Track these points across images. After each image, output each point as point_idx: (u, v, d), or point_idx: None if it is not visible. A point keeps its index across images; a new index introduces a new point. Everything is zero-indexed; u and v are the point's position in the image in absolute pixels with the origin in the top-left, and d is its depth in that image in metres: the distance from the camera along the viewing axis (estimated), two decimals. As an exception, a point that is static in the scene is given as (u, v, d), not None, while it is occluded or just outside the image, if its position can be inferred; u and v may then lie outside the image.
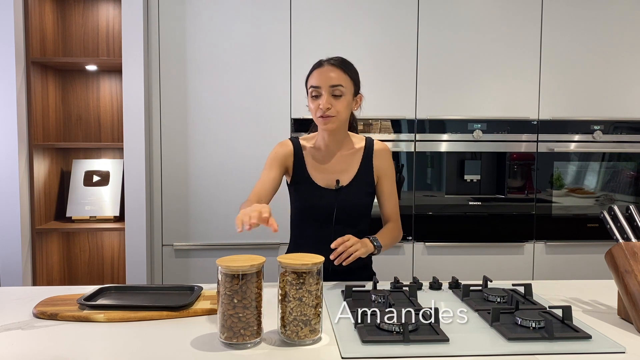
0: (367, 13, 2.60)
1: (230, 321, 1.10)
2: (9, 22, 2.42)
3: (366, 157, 1.73)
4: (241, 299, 1.10)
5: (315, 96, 1.63)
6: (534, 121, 2.67)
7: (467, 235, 2.70)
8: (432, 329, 1.18)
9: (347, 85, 1.63)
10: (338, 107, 1.61)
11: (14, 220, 2.49)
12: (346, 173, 1.71)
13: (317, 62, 1.67)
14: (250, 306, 1.11)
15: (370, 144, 1.75)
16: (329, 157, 1.72)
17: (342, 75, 1.63)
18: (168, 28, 2.56)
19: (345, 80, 1.63)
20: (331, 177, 1.70)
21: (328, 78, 1.61)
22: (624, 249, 1.31)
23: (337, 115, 1.62)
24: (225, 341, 1.11)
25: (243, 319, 1.10)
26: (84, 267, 2.90)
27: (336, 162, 1.72)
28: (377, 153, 1.74)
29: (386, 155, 1.75)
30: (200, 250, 2.62)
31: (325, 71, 1.62)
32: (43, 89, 2.66)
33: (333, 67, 1.63)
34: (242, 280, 1.10)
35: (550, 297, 1.48)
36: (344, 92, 1.62)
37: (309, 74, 1.68)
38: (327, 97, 1.60)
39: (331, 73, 1.62)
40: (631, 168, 2.75)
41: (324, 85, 1.61)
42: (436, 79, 2.64)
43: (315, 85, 1.62)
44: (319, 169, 1.71)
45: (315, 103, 1.63)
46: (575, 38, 2.67)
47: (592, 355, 1.09)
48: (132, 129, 2.52)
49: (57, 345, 1.12)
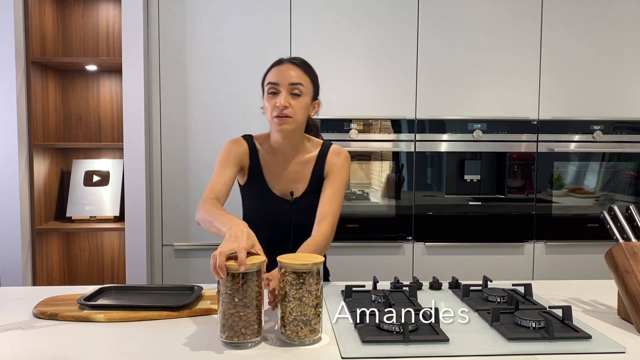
0: (367, 13, 2.60)
1: (231, 320, 1.10)
2: (9, 22, 2.42)
3: (318, 164, 1.62)
4: (242, 298, 1.10)
5: (272, 93, 1.53)
6: (534, 121, 2.67)
7: (467, 235, 2.70)
8: (432, 329, 1.18)
9: (307, 85, 1.55)
10: (296, 107, 1.52)
11: (14, 220, 2.49)
12: (300, 183, 1.62)
13: (277, 60, 1.59)
14: (251, 305, 1.10)
15: (325, 150, 1.64)
16: (284, 164, 1.62)
17: (303, 75, 1.55)
18: (168, 28, 2.56)
19: (306, 80, 1.55)
20: (285, 187, 1.62)
21: (288, 76, 1.52)
22: (624, 249, 1.31)
23: (294, 116, 1.52)
24: (226, 340, 1.11)
25: (244, 318, 1.10)
26: (84, 267, 2.90)
27: (291, 169, 1.62)
28: (330, 159, 1.62)
29: (338, 159, 1.62)
30: (200, 250, 2.62)
31: (285, 69, 1.54)
32: (43, 89, 2.66)
33: (294, 66, 1.55)
34: (243, 279, 1.10)
35: (550, 297, 1.48)
36: (304, 92, 1.54)
37: (267, 71, 1.58)
38: (286, 95, 1.51)
39: (292, 71, 1.54)
40: (631, 168, 2.75)
41: (283, 83, 1.52)
42: (436, 78, 2.64)
43: (274, 81, 1.52)
44: (274, 175, 1.62)
45: (272, 101, 1.52)
46: (576, 38, 2.67)
47: (592, 355, 1.09)
48: (132, 129, 2.52)
49: (57, 345, 1.12)
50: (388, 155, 2.66)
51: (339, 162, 1.63)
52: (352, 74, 2.61)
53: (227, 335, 1.11)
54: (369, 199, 2.69)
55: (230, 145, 1.64)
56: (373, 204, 2.69)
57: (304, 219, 1.59)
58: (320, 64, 2.58)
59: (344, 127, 2.61)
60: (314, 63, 1.71)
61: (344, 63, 2.61)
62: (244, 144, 1.64)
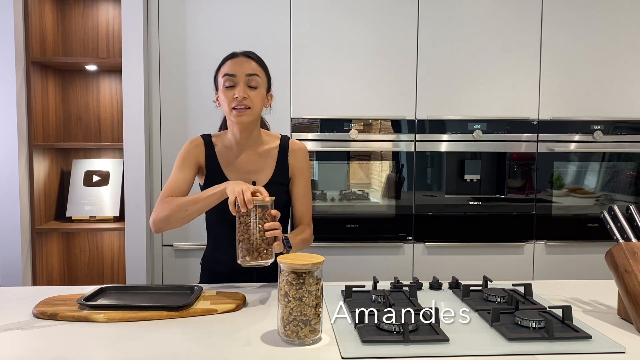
0: (367, 13, 2.60)
1: (256, 243, 1.26)
2: (9, 22, 2.42)
3: (281, 155, 1.66)
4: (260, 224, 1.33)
5: (229, 86, 1.55)
6: (534, 121, 2.67)
7: (467, 235, 2.70)
8: (432, 329, 1.18)
9: (262, 77, 1.59)
10: (254, 99, 1.55)
11: (14, 220, 2.49)
12: (262, 173, 1.63)
13: (230, 54, 1.61)
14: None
15: (285, 143, 1.68)
16: (242, 157, 1.64)
17: (258, 67, 1.58)
18: (168, 28, 2.56)
19: (261, 72, 1.59)
20: (246, 177, 1.61)
21: (244, 67, 1.56)
22: (624, 249, 1.31)
23: (253, 107, 1.55)
24: (252, 262, 1.25)
25: (262, 239, 1.34)
26: (84, 267, 2.90)
27: (250, 161, 1.64)
28: (292, 152, 1.66)
29: (302, 154, 1.68)
30: (200, 250, 2.60)
31: (241, 61, 1.57)
32: (43, 89, 2.66)
33: (249, 59, 1.58)
34: (263, 211, 1.36)
35: (550, 297, 1.48)
36: (260, 83, 1.57)
37: (220, 65, 1.60)
38: (243, 86, 1.54)
39: (246, 64, 1.57)
40: (631, 168, 2.75)
41: (239, 74, 1.54)
42: (436, 79, 2.64)
43: (230, 73, 1.55)
44: (233, 168, 1.63)
45: (229, 93, 1.55)
46: (576, 38, 2.67)
47: (592, 355, 1.09)
48: (132, 129, 2.52)
49: (57, 345, 1.12)
50: (388, 155, 2.66)
51: (303, 159, 1.68)
52: (352, 73, 2.61)
53: (252, 257, 1.34)
54: (369, 199, 2.69)
55: (186, 146, 1.65)
56: (373, 204, 2.69)
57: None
58: (320, 63, 2.61)
59: (344, 127, 2.61)
60: (314, 63, 1.72)
61: (344, 63, 2.61)
62: (200, 141, 1.66)
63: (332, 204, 2.67)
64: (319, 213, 2.63)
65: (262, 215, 1.36)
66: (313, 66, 2.60)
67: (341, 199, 2.68)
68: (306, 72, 2.59)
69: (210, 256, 1.75)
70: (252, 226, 1.35)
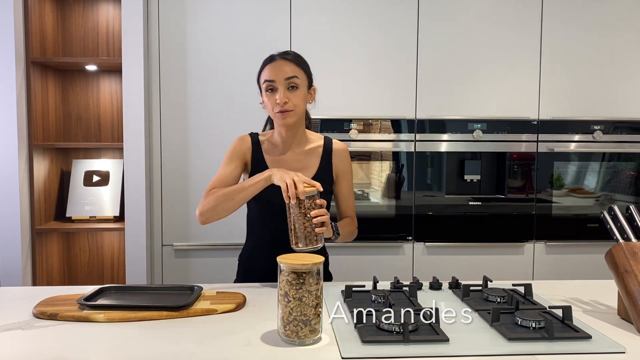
0: (367, 13, 2.60)
1: (306, 232, 1.24)
2: (9, 22, 2.42)
3: (325, 155, 1.72)
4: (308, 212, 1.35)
5: (270, 90, 1.61)
6: (534, 121, 2.67)
7: (467, 235, 2.70)
8: (432, 329, 1.18)
9: (301, 77, 1.63)
10: (295, 100, 1.60)
11: (14, 221, 2.49)
12: (306, 170, 1.68)
13: (269, 57, 1.65)
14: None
15: (329, 143, 1.74)
16: (288, 153, 1.70)
17: (296, 68, 1.62)
18: (168, 28, 2.56)
19: (300, 72, 1.62)
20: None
21: (282, 71, 1.60)
22: (624, 249, 1.31)
23: (295, 109, 1.61)
24: (303, 247, 1.22)
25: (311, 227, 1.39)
26: (84, 267, 2.90)
27: (295, 158, 1.70)
28: (336, 152, 1.73)
29: (345, 155, 1.75)
30: (200, 250, 2.62)
31: (278, 65, 1.61)
32: (43, 89, 2.66)
33: (286, 61, 1.62)
34: (312, 200, 1.41)
35: (550, 297, 1.48)
36: (299, 84, 1.61)
37: (261, 69, 1.65)
38: (283, 90, 1.59)
39: (285, 67, 1.61)
40: (631, 168, 2.75)
41: (278, 79, 1.60)
42: (436, 79, 2.64)
43: (270, 79, 1.60)
44: (278, 165, 1.68)
45: (272, 98, 1.61)
46: (576, 38, 2.67)
47: (592, 355, 1.09)
48: (132, 129, 2.52)
49: (57, 345, 1.12)
50: (388, 155, 2.66)
51: (346, 159, 1.75)
52: (352, 73, 2.61)
53: (303, 244, 1.42)
54: (369, 199, 2.69)
55: (234, 143, 1.72)
56: (373, 204, 2.69)
57: None
58: (320, 64, 2.60)
59: (344, 127, 2.61)
60: (314, 63, 1.72)
61: (344, 63, 2.61)
62: (248, 139, 1.72)
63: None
64: (319, 213, 2.62)
65: (310, 206, 1.43)
66: (313, 66, 2.57)
67: (341, 199, 2.68)
68: (306, 72, 2.59)
69: (249, 254, 1.77)
70: (301, 214, 1.42)
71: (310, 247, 1.43)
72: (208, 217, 1.56)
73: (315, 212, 1.43)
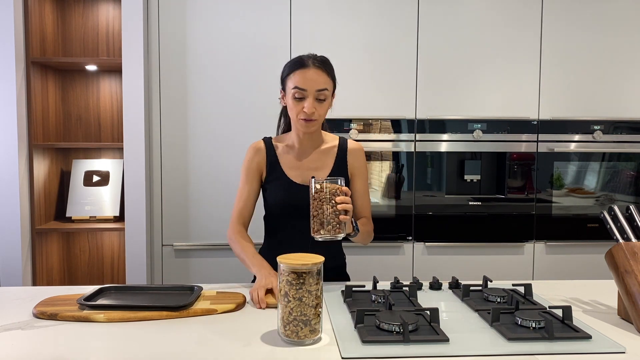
0: (367, 13, 2.60)
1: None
2: (9, 22, 2.42)
3: (340, 154, 1.72)
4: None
5: (299, 98, 1.58)
6: (534, 121, 2.67)
7: (467, 235, 2.70)
8: (432, 329, 1.18)
9: (330, 88, 1.62)
10: (321, 111, 1.60)
11: (14, 221, 2.49)
12: (321, 170, 1.70)
13: (300, 61, 1.60)
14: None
15: (344, 143, 1.74)
16: (303, 155, 1.71)
17: (327, 79, 1.60)
18: (168, 28, 2.56)
19: (329, 83, 1.61)
20: (306, 174, 1.67)
21: (315, 82, 1.57)
22: (624, 249, 1.31)
23: (319, 119, 1.61)
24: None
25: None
26: (84, 267, 2.90)
27: (311, 159, 1.71)
28: (351, 152, 1.73)
29: (360, 154, 1.75)
30: (200, 250, 2.62)
31: (312, 74, 1.57)
32: (43, 89, 2.66)
33: (319, 70, 1.58)
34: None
35: (550, 297, 1.48)
36: (328, 95, 1.61)
37: (291, 72, 1.60)
38: (312, 101, 1.57)
39: (318, 77, 1.57)
40: (631, 168, 2.75)
41: (310, 89, 1.57)
42: (436, 79, 2.64)
43: (302, 87, 1.57)
44: (294, 166, 1.70)
45: (299, 105, 1.58)
46: (576, 38, 2.67)
47: (592, 355, 1.09)
48: (132, 129, 2.52)
49: (57, 345, 1.12)
50: (388, 155, 2.66)
51: (361, 158, 1.75)
52: (352, 73, 2.61)
53: (325, 231, 1.41)
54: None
55: (248, 154, 1.73)
56: (373, 204, 2.69)
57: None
58: (320, 64, 2.60)
59: (344, 127, 2.61)
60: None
61: (344, 63, 2.60)
62: (262, 146, 1.73)
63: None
64: (319, 213, 2.62)
65: (335, 192, 1.42)
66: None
67: (341, 199, 2.68)
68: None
69: (266, 254, 1.75)
70: (325, 199, 1.41)
71: (332, 236, 1.42)
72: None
73: (340, 199, 1.42)
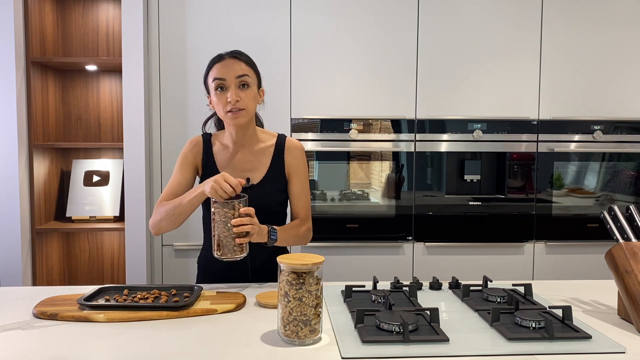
0: (367, 13, 2.60)
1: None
2: (9, 22, 2.43)
3: (277, 153, 1.67)
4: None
5: (220, 89, 1.56)
6: (534, 121, 2.67)
7: (467, 235, 2.70)
8: (432, 329, 1.18)
9: (252, 76, 1.59)
10: (246, 99, 1.56)
11: (14, 221, 2.49)
12: (257, 171, 1.65)
13: (217, 56, 1.61)
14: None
15: (282, 141, 1.69)
16: (239, 154, 1.66)
17: (246, 67, 1.58)
18: (168, 28, 2.56)
19: (250, 71, 1.59)
20: (241, 175, 1.62)
21: (233, 69, 1.56)
22: (624, 249, 1.31)
23: (247, 107, 1.57)
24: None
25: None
26: (84, 267, 2.90)
27: (246, 159, 1.66)
28: (288, 150, 1.68)
29: (297, 152, 1.69)
30: (200, 250, 2.61)
31: (228, 63, 1.57)
32: (43, 89, 2.66)
33: (236, 60, 1.58)
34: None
35: (550, 297, 1.48)
36: (250, 82, 1.58)
37: (209, 68, 1.60)
38: (235, 89, 1.55)
39: (235, 65, 1.57)
40: (631, 168, 2.75)
41: (229, 77, 1.55)
42: (436, 78, 2.64)
43: (220, 77, 1.56)
44: (229, 166, 1.65)
45: (222, 97, 1.56)
46: (576, 38, 2.67)
47: (592, 355, 1.09)
48: (132, 129, 2.52)
49: (57, 345, 1.12)
50: (388, 155, 2.66)
51: (299, 157, 1.69)
52: (352, 73, 2.61)
53: (221, 253, 1.40)
54: (369, 199, 2.69)
55: (185, 147, 1.70)
56: (373, 204, 2.69)
57: (263, 203, 1.59)
58: (320, 64, 2.61)
59: (344, 127, 2.61)
60: (314, 63, 1.72)
61: (344, 63, 2.61)
62: (199, 140, 1.70)
63: (332, 204, 2.67)
64: (319, 213, 2.63)
65: (231, 216, 1.39)
66: (313, 66, 2.60)
67: (341, 199, 2.68)
68: (306, 72, 2.59)
69: (206, 254, 1.75)
70: (221, 222, 1.39)
71: (230, 258, 1.41)
72: (157, 231, 1.60)
73: (235, 221, 1.38)
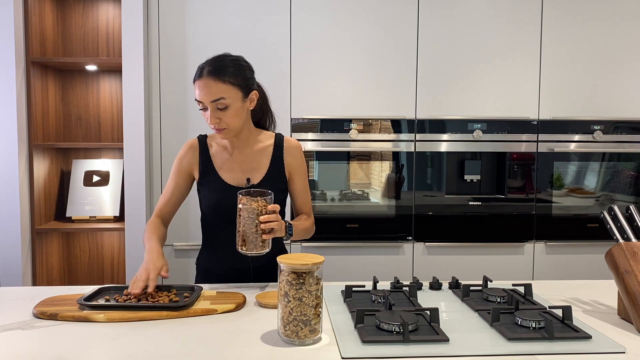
0: (367, 13, 2.60)
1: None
2: (9, 22, 2.43)
3: (276, 153, 1.68)
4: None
5: (202, 109, 1.56)
6: (534, 121, 2.67)
7: (467, 235, 2.70)
8: (432, 329, 1.18)
9: (229, 94, 1.52)
10: (226, 119, 1.54)
11: (14, 221, 2.49)
12: (257, 171, 1.66)
13: (198, 69, 1.56)
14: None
15: (280, 141, 1.70)
16: (237, 155, 1.67)
17: (222, 87, 1.51)
18: (168, 28, 2.56)
19: (226, 90, 1.52)
20: (241, 176, 1.64)
21: (208, 93, 1.52)
22: (624, 249, 1.31)
23: (229, 126, 1.56)
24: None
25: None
26: (84, 267, 2.90)
27: (245, 160, 1.67)
28: (287, 149, 1.69)
29: (297, 151, 1.70)
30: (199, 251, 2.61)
31: (204, 85, 1.52)
32: (43, 89, 2.66)
33: (209, 79, 1.51)
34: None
35: (550, 297, 1.48)
36: (228, 103, 1.53)
37: (193, 82, 1.57)
38: (212, 112, 1.53)
39: (210, 87, 1.51)
40: (631, 168, 2.75)
41: (205, 101, 1.53)
42: (436, 79, 2.64)
43: (198, 99, 1.55)
44: (228, 167, 1.66)
45: (205, 115, 1.56)
46: (575, 38, 2.67)
47: (592, 355, 1.09)
48: (132, 129, 2.52)
49: (57, 345, 1.12)
50: (388, 155, 2.66)
51: (298, 155, 1.71)
52: (352, 73, 2.61)
53: (247, 248, 1.44)
54: (369, 199, 2.69)
55: (181, 151, 1.72)
56: (373, 204, 2.69)
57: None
58: (320, 63, 2.61)
59: (344, 127, 2.61)
60: (315, 63, 1.72)
61: (344, 63, 2.61)
62: (195, 143, 1.71)
63: (332, 204, 2.67)
64: (319, 213, 2.62)
65: (259, 211, 1.42)
66: (313, 66, 2.60)
67: (341, 199, 2.68)
68: (306, 72, 2.59)
69: (206, 256, 1.76)
70: (250, 219, 1.42)
71: (255, 253, 1.44)
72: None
73: (264, 218, 1.42)
